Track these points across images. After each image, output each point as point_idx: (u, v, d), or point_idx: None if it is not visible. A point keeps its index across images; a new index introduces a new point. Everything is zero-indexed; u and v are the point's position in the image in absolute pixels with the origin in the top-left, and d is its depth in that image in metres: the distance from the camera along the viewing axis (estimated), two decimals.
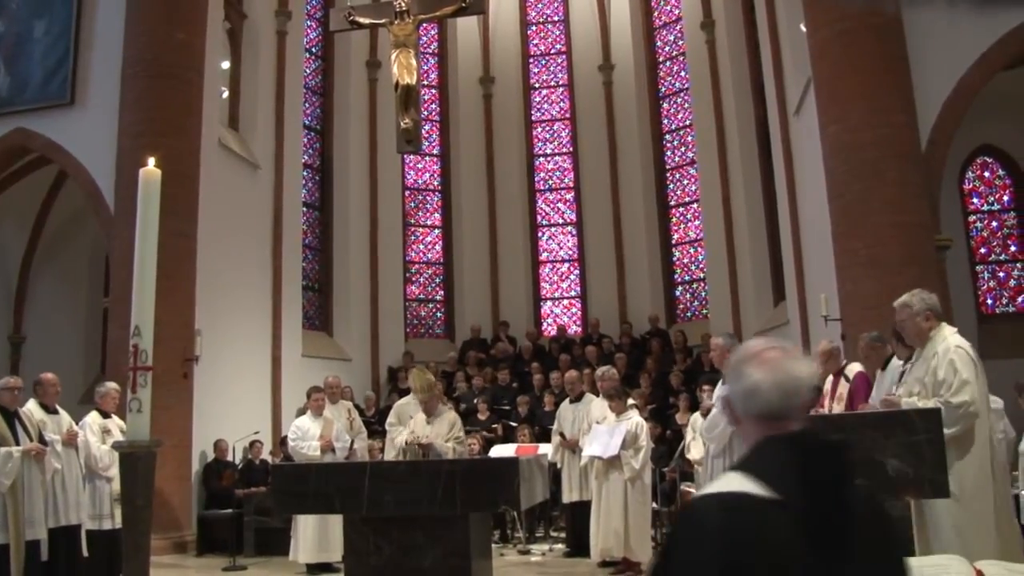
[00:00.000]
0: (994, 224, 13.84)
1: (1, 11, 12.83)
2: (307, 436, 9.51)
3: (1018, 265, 13.70)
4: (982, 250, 13.77)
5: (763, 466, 1.93)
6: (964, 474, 4.68)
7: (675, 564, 1.88)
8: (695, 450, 9.62)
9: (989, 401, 5.08)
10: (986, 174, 13.92)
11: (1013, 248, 13.73)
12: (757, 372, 2.04)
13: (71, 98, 12.28)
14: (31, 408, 8.02)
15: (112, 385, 9.03)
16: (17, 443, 7.54)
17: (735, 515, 1.83)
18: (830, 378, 7.64)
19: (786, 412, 2.02)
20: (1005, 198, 13.83)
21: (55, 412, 8.30)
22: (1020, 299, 13.58)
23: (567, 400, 10.60)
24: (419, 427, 8.54)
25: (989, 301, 13.64)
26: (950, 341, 5.10)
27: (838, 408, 7.24)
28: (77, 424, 8.52)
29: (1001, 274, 13.73)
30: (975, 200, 13.87)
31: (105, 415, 8.82)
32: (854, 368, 7.34)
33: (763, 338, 2.18)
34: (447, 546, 5.33)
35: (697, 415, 9.95)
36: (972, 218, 13.83)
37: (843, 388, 7.27)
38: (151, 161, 4.14)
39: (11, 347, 14.48)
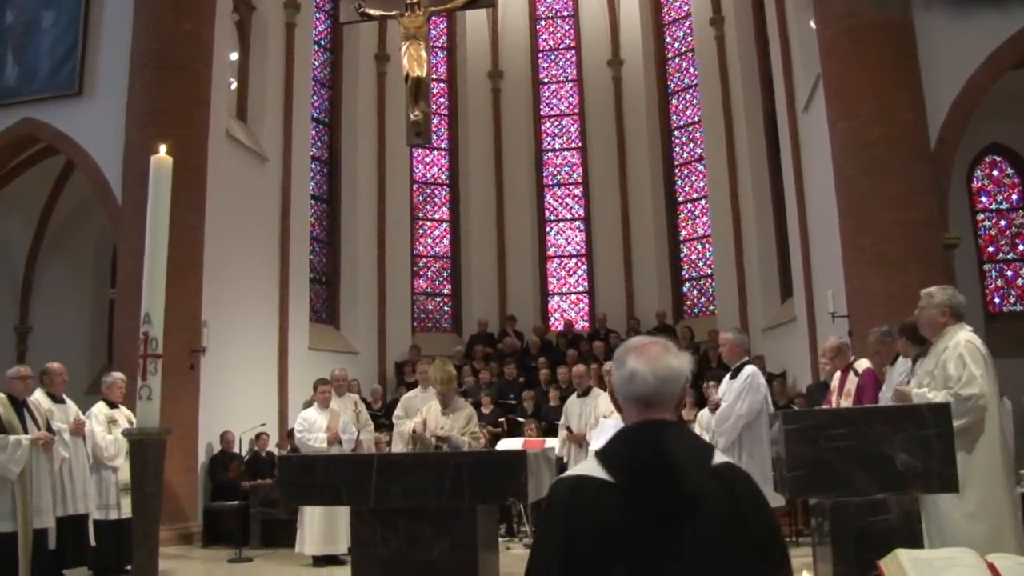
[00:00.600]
0: (1002, 223, 13.80)
1: (9, 1, 12.84)
2: (314, 428, 9.53)
3: None
4: (990, 249, 13.72)
5: (610, 452, 2.25)
6: (972, 467, 4.70)
7: (538, 534, 2.36)
8: None
9: (998, 396, 5.09)
10: (994, 172, 13.87)
11: (1021, 247, 13.68)
12: (637, 362, 2.28)
13: (79, 88, 12.30)
14: (38, 397, 8.06)
15: (118, 375, 9.07)
16: (25, 432, 7.57)
17: (576, 495, 2.18)
18: (838, 374, 7.63)
19: (659, 399, 2.26)
20: (1014, 197, 13.78)
21: (62, 401, 8.35)
22: None
23: (574, 394, 10.58)
24: (434, 418, 8.52)
25: (997, 300, 13.60)
26: (960, 336, 5.15)
27: (846, 403, 7.24)
28: (84, 414, 8.56)
29: (1009, 273, 13.69)
30: (983, 199, 13.82)
31: (112, 405, 8.88)
32: (863, 364, 7.33)
33: (648, 336, 2.43)
34: (454, 538, 5.32)
35: (704, 411, 9.94)
36: (980, 216, 13.78)
37: (851, 383, 7.26)
38: (162, 148, 4.14)
39: (17, 337, 14.52)
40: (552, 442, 10.59)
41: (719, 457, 2.28)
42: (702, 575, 2.12)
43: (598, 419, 9.45)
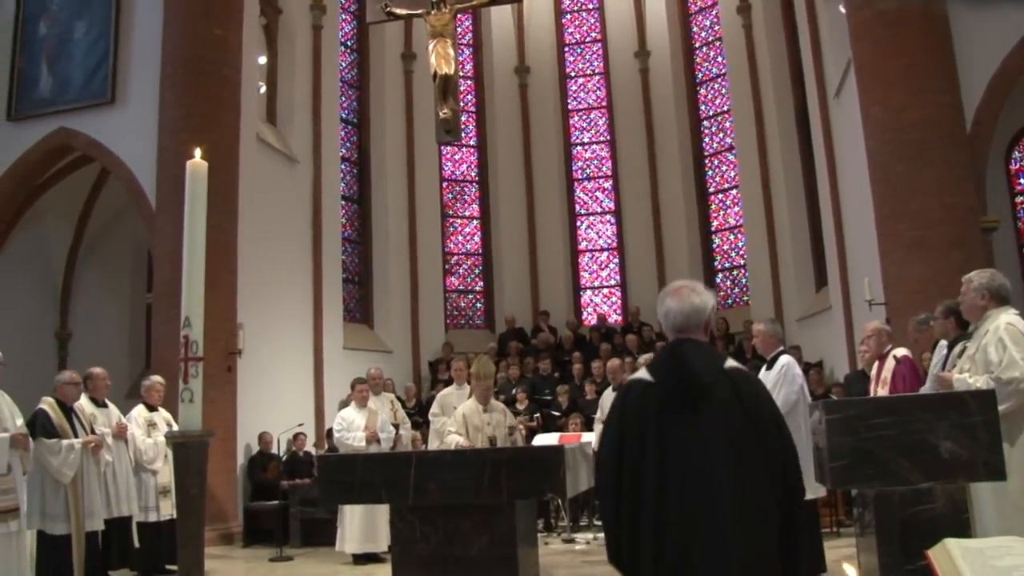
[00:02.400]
0: None
1: (43, 13, 13.01)
2: (352, 427, 9.57)
3: None
4: None
5: (652, 361, 3.38)
6: (1015, 455, 4.61)
7: (606, 416, 3.38)
8: None
9: None
10: None
11: None
12: (671, 301, 3.27)
13: (112, 97, 12.44)
14: (83, 402, 8.16)
15: (157, 378, 9.18)
16: (75, 436, 7.68)
17: (629, 391, 3.24)
18: (877, 362, 7.55)
19: (686, 326, 3.24)
20: None
21: (104, 405, 8.47)
22: None
23: (609, 388, 10.55)
24: (474, 416, 8.51)
25: None
26: (1002, 319, 5.06)
27: (882, 391, 7.15)
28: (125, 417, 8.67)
29: None
30: (1022, 180, 13.60)
31: (151, 408, 8.98)
32: (900, 351, 7.24)
33: (682, 280, 3.37)
34: (493, 534, 5.32)
35: None
36: (1020, 199, 13.55)
37: (888, 371, 7.18)
38: (197, 153, 4.17)
39: (58, 343, 14.69)
40: (588, 436, 10.57)
41: (730, 363, 3.18)
42: (712, 448, 3.00)
43: None
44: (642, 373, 3.26)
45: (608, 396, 10.35)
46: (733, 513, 2.91)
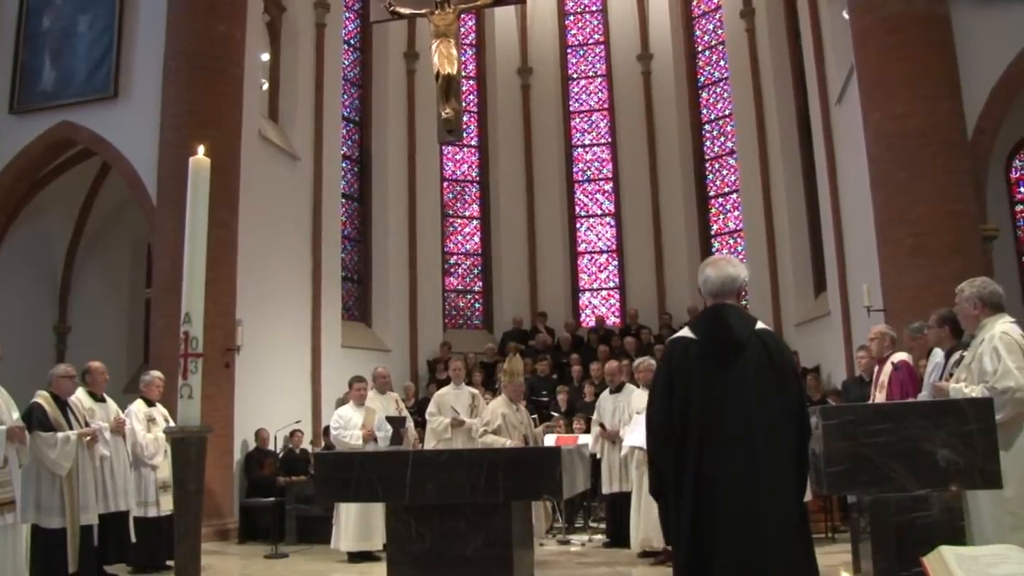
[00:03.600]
0: None
1: (46, 7, 13.02)
2: (349, 425, 9.58)
3: None
4: None
5: (694, 321, 4.19)
6: (1012, 464, 4.60)
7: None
8: None
9: None
10: None
11: None
12: (709, 269, 4.03)
13: (114, 91, 12.45)
14: (80, 396, 8.14)
15: (156, 373, 9.17)
16: (70, 430, 7.67)
17: (674, 346, 4.03)
18: (876, 367, 7.58)
19: (722, 292, 4.00)
20: None
21: (102, 400, 8.44)
22: None
23: (607, 391, 10.55)
24: (511, 415, 8.53)
25: None
26: (996, 328, 5.02)
27: (880, 395, 7.18)
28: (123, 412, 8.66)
29: None
30: (1023, 189, 13.62)
31: (150, 403, 8.98)
32: (899, 356, 7.27)
33: (721, 254, 4.44)
34: (489, 535, 5.33)
35: None
36: (1020, 207, 13.57)
37: (885, 375, 7.21)
38: (200, 149, 4.17)
39: (57, 337, 14.70)
40: (585, 438, 10.59)
41: (760, 324, 3.97)
42: (744, 395, 3.77)
43: (631, 415, 9.41)
44: (685, 331, 4.07)
45: (606, 399, 10.35)
46: (762, 439, 3.71)
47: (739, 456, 3.71)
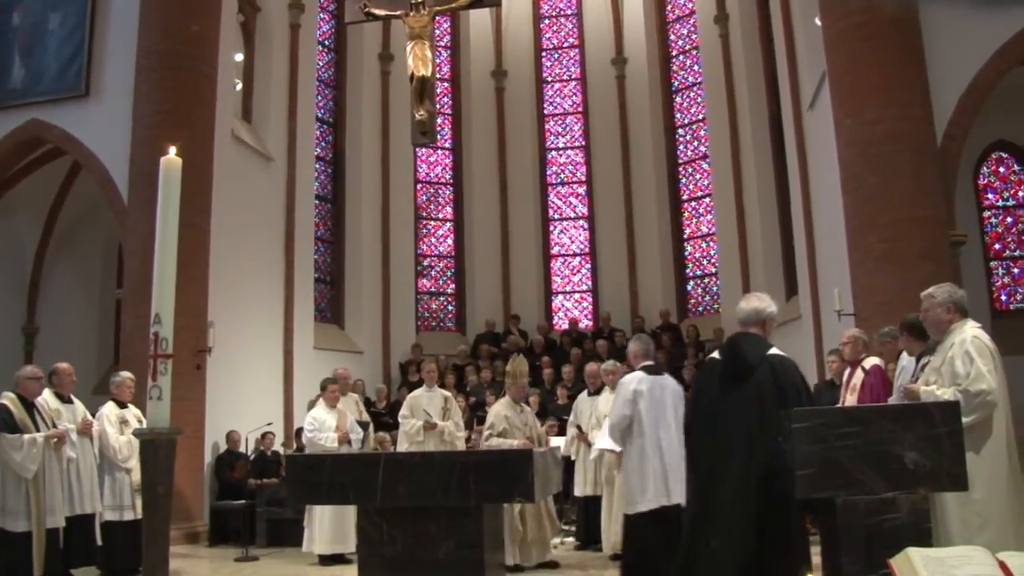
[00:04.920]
0: (1009, 220, 13.76)
1: (17, 3, 12.87)
2: (323, 428, 9.52)
3: None
4: (996, 246, 13.69)
5: (721, 346, 5.14)
6: (980, 466, 4.66)
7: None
8: None
9: (1006, 392, 5.04)
10: (1001, 169, 13.83)
11: None
12: (742, 302, 5.04)
13: (86, 90, 12.34)
14: (46, 398, 8.06)
15: (126, 374, 9.06)
16: (37, 432, 7.59)
17: (704, 365, 5.39)
18: (847, 370, 7.65)
19: (746, 322, 4.99)
20: (1020, 194, 13.75)
21: (70, 402, 8.35)
22: None
23: (584, 392, 10.55)
24: (514, 416, 8.50)
25: (1003, 297, 13.57)
26: (967, 332, 5.09)
27: (851, 398, 7.24)
28: (92, 414, 8.56)
29: (1016, 270, 13.65)
30: (990, 196, 13.80)
31: (121, 405, 8.86)
32: (871, 361, 7.34)
33: (754, 292, 5.25)
34: (461, 537, 5.31)
35: None
36: (987, 214, 13.75)
37: (857, 379, 7.28)
38: (172, 150, 4.15)
39: (25, 338, 14.54)
40: (557, 441, 10.59)
41: (773, 350, 4.82)
42: (751, 411, 4.57)
43: (598, 419, 9.43)
44: (715, 354, 5.13)
45: (584, 401, 10.33)
46: (746, 448, 4.53)
47: (731, 461, 4.56)
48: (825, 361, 10.36)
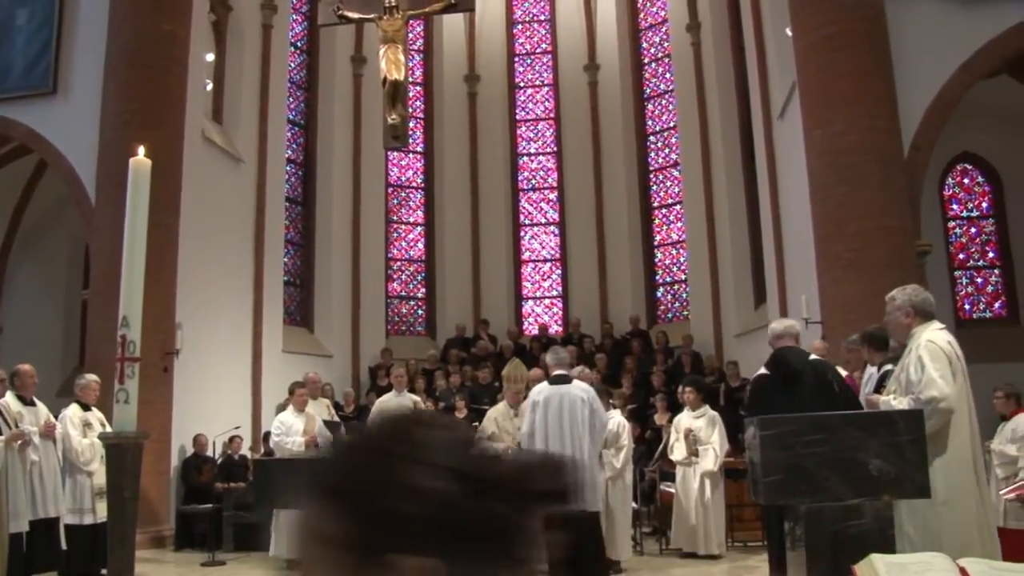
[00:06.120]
0: (973, 230, 13.98)
1: None
2: (291, 432, 9.46)
3: (995, 271, 13.83)
4: (961, 256, 13.90)
5: (768, 361, 6.16)
6: (940, 472, 4.63)
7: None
8: (678, 451, 9.65)
9: (970, 397, 4.94)
10: (966, 181, 14.05)
11: (991, 254, 13.87)
12: (774, 324, 6.37)
13: (53, 87, 12.19)
14: (8, 400, 7.96)
15: (92, 377, 8.96)
16: None
17: (756, 381, 6.37)
18: None
19: (784, 336, 6.09)
20: (984, 205, 13.98)
21: (32, 404, 8.24)
22: (997, 304, 13.72)
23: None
24: (504, 420, 8.47)
25: (967, 306, 13.77)
26: (923, 337, 4.96)
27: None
28: (55, 416, 8.45)
29: (979, 280, 13.87)
30: (955, 206, 14.00)
31: (85, 407, 8.75)
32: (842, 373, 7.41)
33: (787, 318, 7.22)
34: None
35: (681, 416, 9.98)
36: (952, 224, 13.96)
37: None
38: (141, 150, 4.11)
39: None
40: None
41: (813, 356, 5.93)
42: (801, 408, 4.97)
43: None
44: (762, 369, 6.10)
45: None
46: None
47: None
48: None
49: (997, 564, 2.64)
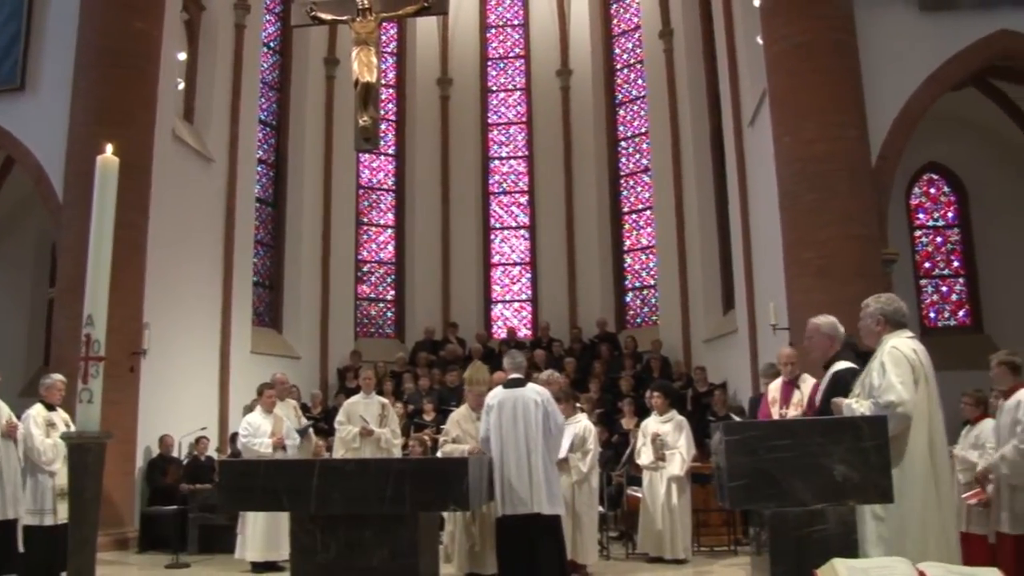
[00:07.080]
0: (938, 239, 14.16)
1: None
2: (259, 433, 9.42)
3: (960, 280, 14.01)
4: (926, 264, 14.07)
5: (845, 355, 5.64)
6: (899, 478, 4.64)
7: None
8: (645, 456, 9.69)
9: (936, 403, 4.91)
10: (932, 191, 14.23)
11: (956, 263, 14.04)
12: (819, 319, 5.73)
13: (21, 83, 12.03)
14: None
15: (58, 377, 8.82)
16: None
17: (837, 378, 5.40)
18: (777, 383, 7.77)
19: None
20: (950, 214, 14.16)
21: None
22: (962, 313, 13.89)
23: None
24: (466, 423, 8.42)
25: (932, 315, 13.93)
26: (888, 344, 5.00)
27: (794, 414, 7.36)
28: (17, 416, 8.33)
29: (944, 288, 14.03)
30: (921, 216, 14.17)
31: (50, 407, 8.61)
32: (808, 379, 7.49)
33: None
34: (395, 545, 5.31)
35: (648, 421, 10.01)
36: (918, 233, 14.12)
37: (797, 396, 7.41)
38: (109, 148, 4.07)
39: None
40: None
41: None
42: None
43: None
44: (839, 364, 5.59)
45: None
46: None
47: None
48: (760, 375, 10.51)
49: (956, 568, 2.69)
